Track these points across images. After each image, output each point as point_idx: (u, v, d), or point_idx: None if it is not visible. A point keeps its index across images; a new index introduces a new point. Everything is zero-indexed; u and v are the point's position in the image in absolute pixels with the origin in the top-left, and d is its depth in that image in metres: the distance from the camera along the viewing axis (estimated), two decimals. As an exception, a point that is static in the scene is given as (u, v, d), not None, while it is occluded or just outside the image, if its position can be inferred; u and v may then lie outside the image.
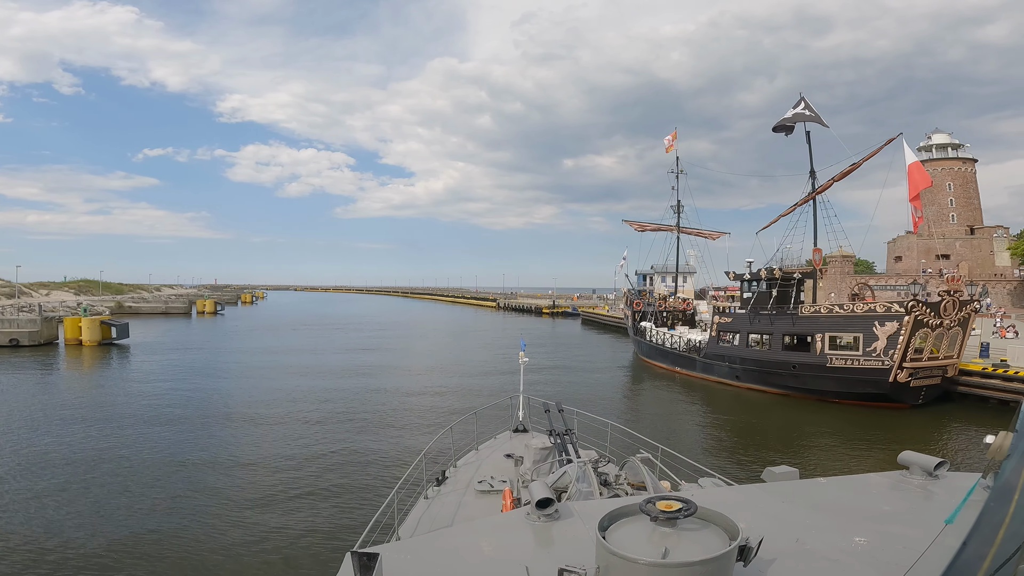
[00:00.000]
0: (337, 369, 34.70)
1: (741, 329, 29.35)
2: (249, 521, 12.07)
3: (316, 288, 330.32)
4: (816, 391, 25.10)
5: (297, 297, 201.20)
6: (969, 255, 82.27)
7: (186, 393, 26.20)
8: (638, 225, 44.75)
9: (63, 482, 14.40)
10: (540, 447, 7.89)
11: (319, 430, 19.80)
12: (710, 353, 31.11)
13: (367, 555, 2.33)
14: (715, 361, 30.62)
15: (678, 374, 33.84)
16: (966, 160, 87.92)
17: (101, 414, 21.87)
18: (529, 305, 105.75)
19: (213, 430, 19.70)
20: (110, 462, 16.00)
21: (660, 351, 36.48)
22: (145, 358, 38.78)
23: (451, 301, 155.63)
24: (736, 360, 29.24)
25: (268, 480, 14.80)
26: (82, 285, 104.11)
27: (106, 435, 18.80)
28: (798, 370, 25.95)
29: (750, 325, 28.86)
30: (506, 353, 40.19)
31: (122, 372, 33.54)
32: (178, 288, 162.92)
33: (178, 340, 51.18)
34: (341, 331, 63.43)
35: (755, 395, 27.65)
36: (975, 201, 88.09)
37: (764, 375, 27.57)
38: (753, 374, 28.18)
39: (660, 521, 2.35)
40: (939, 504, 3.12)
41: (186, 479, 14.79)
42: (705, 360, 31.42)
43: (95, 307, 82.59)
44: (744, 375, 28.73)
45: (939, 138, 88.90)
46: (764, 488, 3.75)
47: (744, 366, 28.71)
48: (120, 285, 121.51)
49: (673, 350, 34.93)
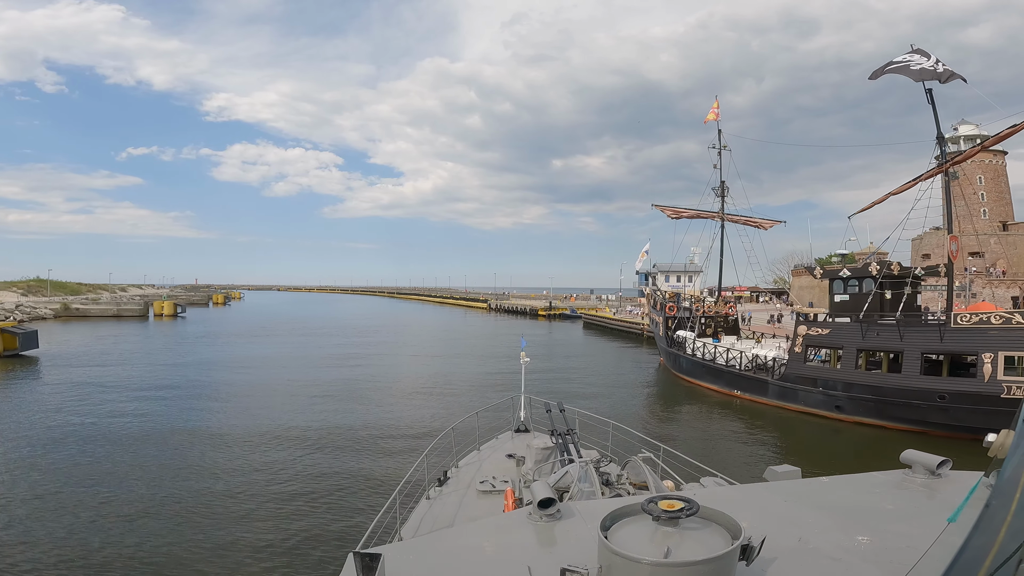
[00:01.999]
0: (285, 393, 26.17)
1: (846, 344, 21.30)
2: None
3: (300, 288, 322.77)
4: (979, 429, 17.10)
5: (278, 298, 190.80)
6: (1003, 252, 75.59)
7: (54, 432, 17.59)
8: (672, 211, 36.39)
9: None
10: (542, 447, 7.69)
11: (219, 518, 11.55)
12: (793, 375, 23.03)
13: (370, 555, 2.34)
14: (801, 386, 22.55)
15: (738, 399, 25.76)
16: (997, 152, 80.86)
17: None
18: (523, 307, 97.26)
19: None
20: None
21: (709, 368, 28.35)
22: (44, 376, 29.97)
23: (439, 302, 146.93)
24: (837, 385, 21.22)
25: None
26: (32, 285, 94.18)
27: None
28: (949, 401, 18.02)
29: (863, 339, 20.82)
30: (503, 369, 31.76)
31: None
32: (148, 288, 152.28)
33: (106, 350, 42.02)
34: (311, 338, 54.68)
35: (869, 432, 19.70)
36: (1006, 195, 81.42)
37: (887, 406, 19.58)
38: (867, 405, 20.18)
39: (662, 521, 2.30)
40: (942, 503, 3.05)
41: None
42: (784, 384, 23.33)
43: (37, 309, 73.26)
44: (851, 405, 20.72)
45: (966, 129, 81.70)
46: (766, 487, 3.67)
47: (851, 393, 20.70)
48: (78, 285, 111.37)
49: (730, 368, 26.85)
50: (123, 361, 36.16)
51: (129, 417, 20.99)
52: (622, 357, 44.31)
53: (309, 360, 38.35)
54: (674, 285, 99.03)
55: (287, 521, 11.85)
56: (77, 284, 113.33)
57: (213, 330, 62.23)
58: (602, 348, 50.27)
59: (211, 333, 58.57)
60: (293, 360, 38.38)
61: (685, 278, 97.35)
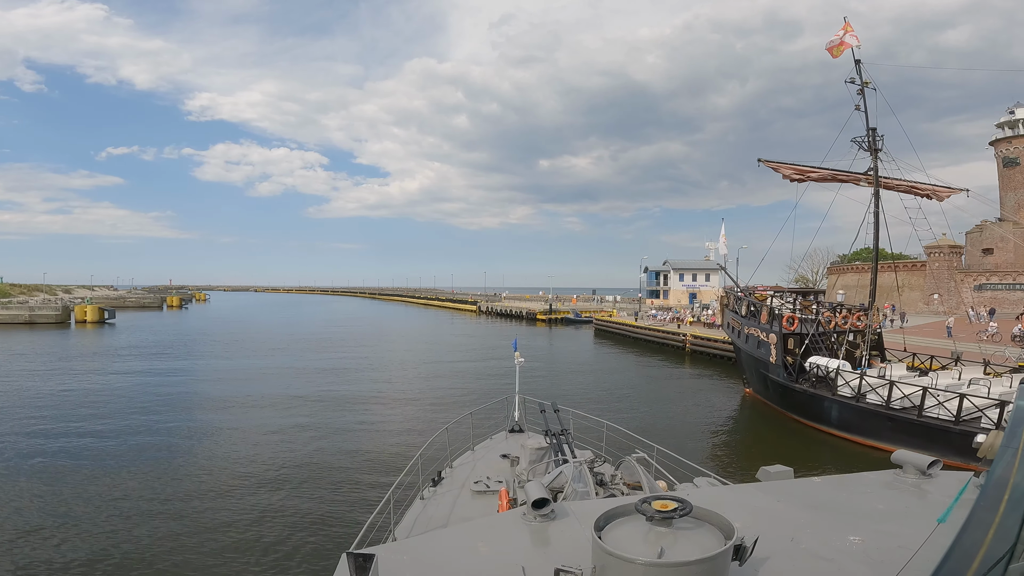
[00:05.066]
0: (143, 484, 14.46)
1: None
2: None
3: (277, 289, 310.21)
4: None
5: (249, 300, 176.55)
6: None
7: None
8: (792, 170, 24.10)
9: None
10: (536, 447, 7.48)
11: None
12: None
13: (363, 556, 2.32)
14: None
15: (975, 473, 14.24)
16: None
17: None
18: (518, 309, 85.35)
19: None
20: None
21: (904, 425, 16.71)
22: None
23: (423, 304, 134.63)
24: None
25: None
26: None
27: None
28: None
29: None
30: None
31: None
32: (102, 290, 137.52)
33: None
34: (262, 357, 42.44)
35: None
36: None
37: None
38: None
39: (656, 521, 2.33)
40: (932, 503, 3.13)
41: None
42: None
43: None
44: None
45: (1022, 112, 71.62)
46: (759, 487, 3.65)
47: None
48: (10, 287, 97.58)
49: (960, 426, 15.31)
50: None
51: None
52: (669, 380, 32.68)
53: (237, 398, 26.24)
54: (689, 285, 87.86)
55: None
56: (10, 286, 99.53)
57: (141, 341, 49.56)
58: (632, 366, 38.68)
59: (137, 346, 45.98)
60: (209, 402, 26.27)
61: (702, 277, 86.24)
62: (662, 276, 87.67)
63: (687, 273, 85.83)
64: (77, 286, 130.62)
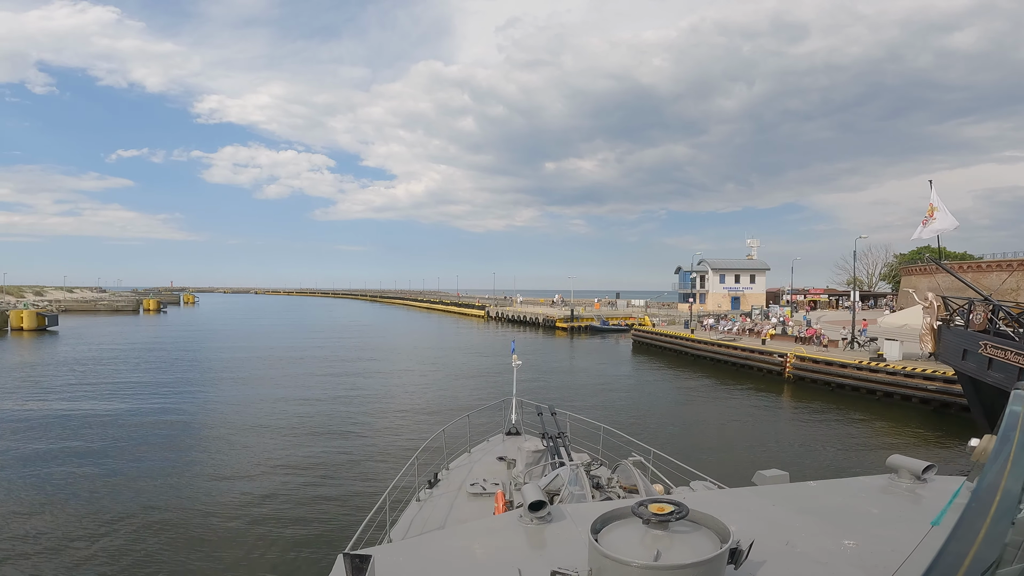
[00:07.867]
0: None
1: None
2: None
3: (278, 291, 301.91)
4: None
5: (246, 302, 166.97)
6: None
7: None
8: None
9: None
10: (533, 450, 7.52)
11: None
12: None
13: (359, 557, 2.31)
14: None
15: None
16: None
17: None
18: (533, 316, 74.56)
19: None
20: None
21: None
22: None
23: (427, 308, 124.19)
24: None
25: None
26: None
27: None
28: None
29: None
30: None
31: None
32: (81, 292, 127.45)
33: None
34: (230, 381, 32.00)
35: None
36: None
37: None
38: None
39: (652, 524, 2.31)
40: (926, 507, 3.08)
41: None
42: None
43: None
44: None
45: None
46: (755, 491, 3.67)
47: None
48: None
49: None
50: None
51: None
52: (798, 424, 21.92)
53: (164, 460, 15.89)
54: (731, 287, 76.67)
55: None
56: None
57: (71, 357, 39.18)
58: (718, 404, 27.90)
59: (54, 363, 35.70)
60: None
61: (746, 278, 75.11)
62: (698, 277, 76.61)
63: (728, 274, 74.74)
64: (52, 287, 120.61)
